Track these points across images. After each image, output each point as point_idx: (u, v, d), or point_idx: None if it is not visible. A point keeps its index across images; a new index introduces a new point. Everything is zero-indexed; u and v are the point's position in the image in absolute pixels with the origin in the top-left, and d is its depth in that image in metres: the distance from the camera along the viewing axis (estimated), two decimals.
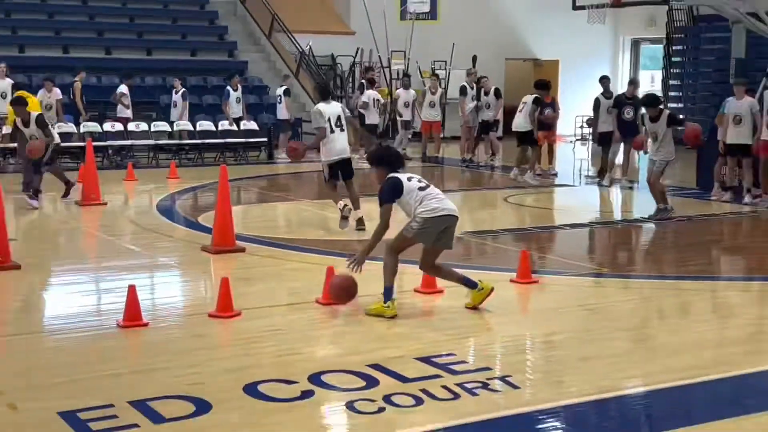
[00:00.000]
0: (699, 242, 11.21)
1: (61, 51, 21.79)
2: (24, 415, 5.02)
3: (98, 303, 8.03)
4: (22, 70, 19.45)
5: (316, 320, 7.12)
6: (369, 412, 5.09)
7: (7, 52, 20.25)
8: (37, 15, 22.56)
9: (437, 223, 7.01)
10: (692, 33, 25.04)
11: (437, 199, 7.09)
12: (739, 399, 5.63)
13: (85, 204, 12.74)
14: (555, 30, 26.18)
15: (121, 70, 20.13)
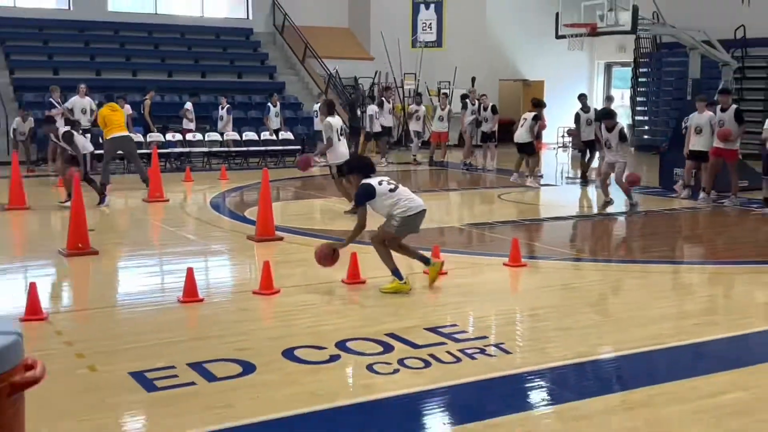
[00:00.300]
0: (662, 232, 11.15)
1: (131, 74, 21.84)
2: (101, 375, 5.04)
3: (161, 282, 8.04)
4: (98, 90, 19.50)
5: (342, 297, 7.12)
6: (386, 372, 5.09)
7: (86, 75, 20.33)
8: (111, 44, 22.62)
9: (414, 219, 7.09)
10: (656, 57, 24.87)
11: (409, 200, 7.09)
12: (694, 363, 5.61)
13: (150, 200, 12.79)
14: (541, 55, 26.07)
15: (180, 90, 20.19)
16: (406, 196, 7.11)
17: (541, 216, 12.69)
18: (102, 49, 22.25)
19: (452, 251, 8.87)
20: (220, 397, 4.66)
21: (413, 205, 7.05)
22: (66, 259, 8.42)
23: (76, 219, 8.63)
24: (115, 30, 22.93)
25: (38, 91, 19.25)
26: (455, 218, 12.40)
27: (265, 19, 25.54)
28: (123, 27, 23.06)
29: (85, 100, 17.36)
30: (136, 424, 4.41)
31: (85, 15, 22.60)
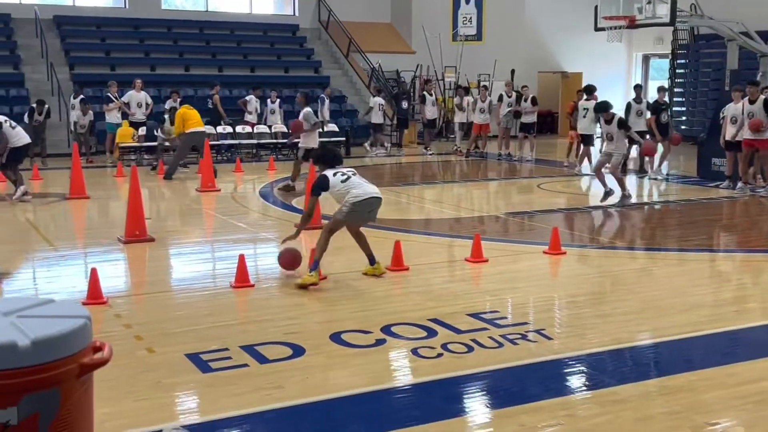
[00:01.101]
0: (699, 221, 10.95)
1: (183, 69, 22.07)
2: (159, 356, 5.12)
3: (214, 268, 8.13)
4: (152, 85, 19.77)
5: (387, 283, 7.12)
6: (430, 357, 5.09)
7: (141, 70, 20.58)
8: (165, 41, 22.88)
9: (363, 205, 6.92)
10: (693, 49, 24.37)
11: (361, 187, 6.93)
12: (732, 349, 5.52)
13: (203, 190, 12.93)
14: (579, 47, 25.79)
15: (230, 85, 20.34)
16: (357, 183, 6.95)
17: (580, 205, 12.55)
18: (156, 46, 22.51)
19: (492, 239, 8.83)
20: (271, 379, 4.70)
21: (361, 191, 6.88)
22: (124, 246, 8.57)
23: (134, 208, 8.77)
24: (169, 27, 23.18)
25: (96, 86, 19.57)
26: (495, 207, 12.33)
27: (310, 15, 25.60)
28: (176, 24, 23.30)
29: (141, 94, 17.60)
30: (192, 404, 4.48)
31: (140, 13, 22.89)
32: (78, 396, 2.31)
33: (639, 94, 15.83)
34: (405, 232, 9.38)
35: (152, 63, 21.72)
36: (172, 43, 22.91)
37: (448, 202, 12.76)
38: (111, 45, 21.96)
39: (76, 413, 2.29)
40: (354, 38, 23.85)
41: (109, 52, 21.73)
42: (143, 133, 17.29)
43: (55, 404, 2.23)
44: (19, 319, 2.32)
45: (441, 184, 15.00)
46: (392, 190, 13.31)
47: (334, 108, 21.54)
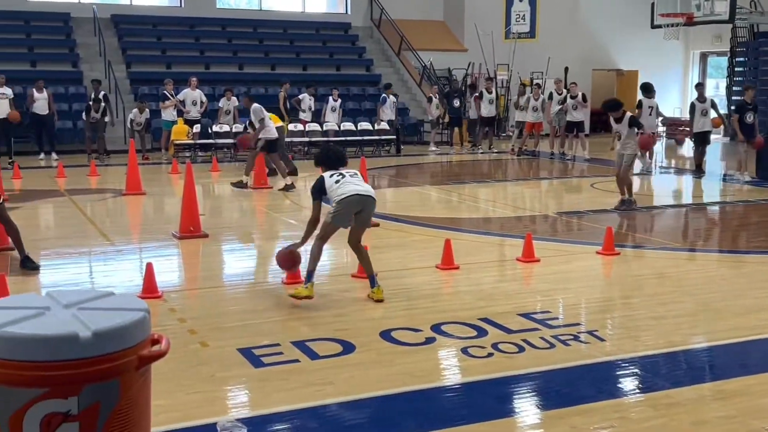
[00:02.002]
0: (757, 222, 10.69)
1: (237, 68, 22.35)
2: (213, 350, 5.20)
3: (266, 264, 8.22)
4: (207, 83, 20.05)
5: (436, 282, 7.12)
6: (480, 356, 5.08)
7: (196, 68, 20.91)
8: (219, 40, 23.19)
9: (349, 204, 6.33)
10: (752, 47, 23.76)
11: (348, 184, 6.38)
12: None
13: (256, 187, 13.08)
14: (635, 45, 25.36)
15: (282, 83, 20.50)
16: (347, 181, 6.42)
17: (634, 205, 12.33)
18: (211, 44, 22.83)
19: (544, 239, 8.76)
20: (321, 375, 4.74)
21: (350, 190, 6.34)
22: (179, 242, 8.73)
23: (189, 204, 8.92)
24: (223, 26, 23.49)
25: (152, 84, 19.94)
26: (546, 207, 12.20)
27: (363, 13, 25.68)
28: (230, 23, 23.60)
29: (196, 92, 17.87)
30: (244, 398, 4.54)
31: (195, 12, 23.25)
32: (137, 387, 2.36)
33: (702, 92, 15.35)
34: (455, 231, 9.36)
35: (207, 61, 22.04)
36: (227, 41, 23.21)
37: (499, 200, 12.69)
38: (167, 43, 22.35)
39: (135, 404, 2.35)
40: (406, 36, 23.85)
41: (165, 50, 22.11)
42: (197, 131, 17.57)
43: (114, 395, 2.29)
44: (80, 311, 2.39)
45: (492, 183, 14.92)
46: (443, 189, 13.34)
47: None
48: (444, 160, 18.62)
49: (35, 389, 2.21)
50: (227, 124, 17.89)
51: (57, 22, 21.76)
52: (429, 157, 18.95)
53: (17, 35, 21.07)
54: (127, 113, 18.03)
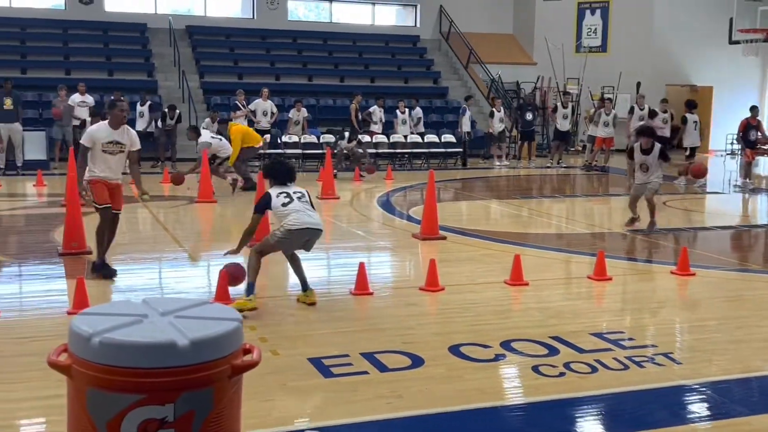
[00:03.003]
0: None
1: (307, 79, 22.62)
2: (283, 359, 5.24)
3: (334, 275, 8.28)
4: (277, 94, 20.34)
5: (505, 298, 7.04)
6: (552, 375, 5.00)
7: (267, 79, 21.24)
8: (290, 51, 23.53)
9: (297, 236, 6.38)
10: None
11: (300, 214, 6.37)
12: None
13: (323, 198, 13.19)
14: (711, 60, 24.73)
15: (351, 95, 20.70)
16: (296, 209, 6.38)
17: (708, 224, 12.04)
18: (281, 56, 23.18)
19: (617, 257, 8.58)
20: (390, 387, 4.74)
21: (299, 222, 6.33)
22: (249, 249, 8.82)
23: None
24: (294, 38, 23.84)
25: (224, 94, 20.34)
26: (618, 224, 11.97)
27: (431, 26, 25.76)
28: (300, 35, 23.94)
29: (267, 103, 18.14)
30: (315, 408, 4.56)
31: (267, 24, 23.66)
32: (229, 396, 2.40)
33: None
34: (524, 246, 9.26)
35: (277, 72, 22.37)
36: (297, 53, 23.53)
37: (570, 216, 12.52)
38: (239, 55, 22.78)
39: (227, 413, 2.39)
40: (474, 49, 23.81)
41: (237, 61, 22.54)
42: (267, 141, 17.82)
43: (208, 403, 2.33)
44: (177, 319, 2.44)
45: (562, 198, 14.73)
46: (512, 203, 13.23)
47: (453, 119, 21.55)
48: (511, 174, 18.48)
49: (133, 395, 2.26)
50: (296, 135, 18.13)
51: (134, 32, 22.41)
52: (495, 170, 18.84)
53: (96, 45, 21.77)
54: (199, 123, 18.40)
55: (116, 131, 7.26)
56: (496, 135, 19.84)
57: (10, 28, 21.00)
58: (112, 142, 7.24)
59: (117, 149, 7.28)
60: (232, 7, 24.55)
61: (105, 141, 7.22)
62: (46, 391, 4.52)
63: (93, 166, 7.28)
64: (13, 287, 7.37)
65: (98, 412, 2.30)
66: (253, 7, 24.15)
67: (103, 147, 7.23)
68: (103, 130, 7.28)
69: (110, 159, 7.27)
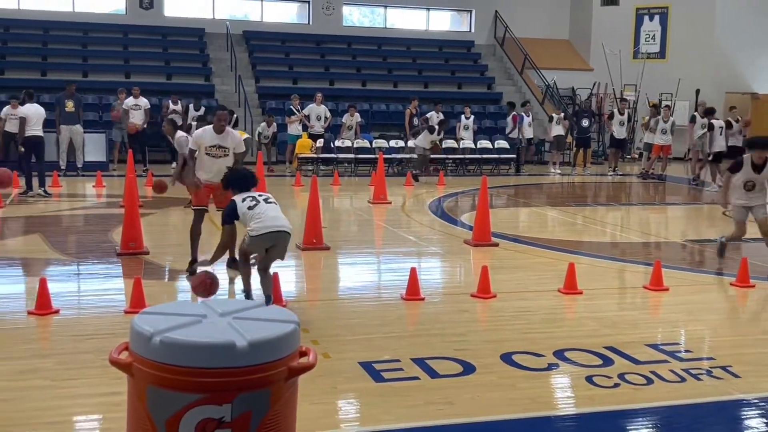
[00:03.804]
0: None
1: (360, 84, 22.73)
2: (334, 362, 5.25)
3: (385, 279, 8.28)
4: (331, 99, 20.48)
5: (559, 307, 6.95)
6: (606, 386, 4.91)
7: (321, 84, 21.42)
8: (344, 56, 23.69)
9: (261, 240, 6.17)
10: None
11: (261, 218, 6.14)
12: None
13: (375, 202, 13.23)
14: None
15: (403, 100, 20.73)
16: (261, 212, 6.17)
17: None
18: (336, 61, 23.35)
19: (674, 267, 8.41)
20: (441, 394, 4.71)
21: (261, 225, 6.13)
22: (302, 253, 8.92)
23: (313, 217, 9.11)
24: (348, 43, 23.99)
25: (279, 99, 20.57)
26: (675, 233, 11.74)
27: (486, 31, 25.66)
28: (355, 40, 24.07)
29: (321, 107, 18.29)
30: (365, 412, 4.56)
31: (322, 29, 23.86)
32: (285, 398, 2.42)
33: None
34: (578, 254, 9.14)
35: (331, 77, 22.54)
36: (351, 58, 23.67)
37: (625, 225, 12.32)
38: (294, 60, 23.01)
39: (283, 415, 2.40)
40: (529, 54, 23.63)
41: (292, 66, 22.77)
42: (320, 145, 17.97)
43: (265, 404, 2.35)
44: (235, 320, 2.47)
45: (617, 207, 14.51)
46: (566, 211, 13.09)
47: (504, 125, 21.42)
48: (565, 181, 18.27)
49: (192, 394, 2.29)
50: (349, 140, 18.23)
51: (192, 37, 22.82)
52: (549, 177, 18.65)
53: (155, 49, 22.22)
54: (255, 127, 18.65)
55: (219, 135, 7.43)
56: (555, 141, 19.67)
57: (72, 32, 21.58)
58: (215, 146, 7.42)
59: (220, 153, 7.45)
60: (288, 12, 24.83)
61: (208, 144, 7.41)
62: (103, 388, 4.62)
63: (198, 169, 7.52)
64: (72, 286, 7.55)
65: (158, 410, 2.33)
66: (308, 12, 24.38)
67: (207, 150, 7.44)
68: (207, 133, 7.48)
69: (214, 162, 7.43)
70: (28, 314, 6.14)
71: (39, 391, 4.59)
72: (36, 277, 6.69)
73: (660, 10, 24.69)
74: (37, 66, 20.37)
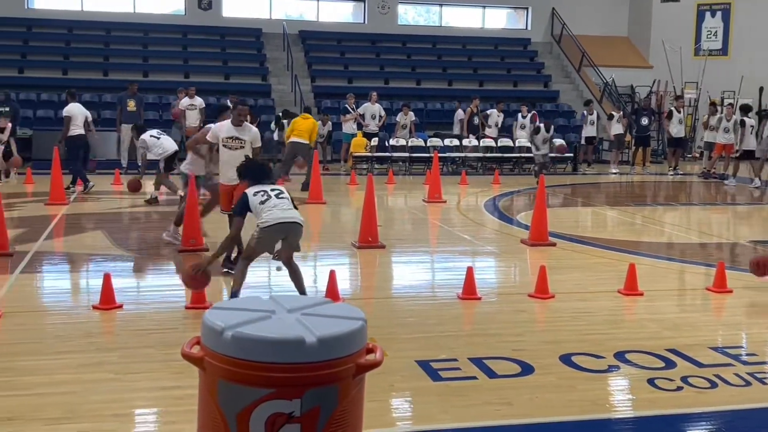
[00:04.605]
0: None
1: (415, 83, 22.73)
2: (391, 360, 5.21)
3: (441, 278, 8.27)
4: (386, 98, 20.52)
5: (619, 308, 6.84)
6: (669, 389, 4.81)
7: (376, 83, 21.47)
8: (399, 55, 23.71)
9: (271, 233, 6.06)
10: None
11: (272, 211, 6.06)
12: None
13: (430, 201, 13.20)
14: None
15: (458, 98, 20.65)
16: (272, 206, 6.09)
17: None
18: (390, 60, 23.39)
19: (737, 269, 8.20)
20: (499, 394, 4.68)
21: (271, 216, 6.03)
22: (357, 251, 8.96)
23: (368, 215, 9.13)
24: (403, 42, 24.00)
25: (335, 98, 20.69)
26: (738, 234, 11.45)
27: (543, 29, 25.41)
28: (410, 39, 24.07)
29: (375, 106, 18.34)
30: (422, 411, 4.55)
31: (377, 29, 23.93)
32: (353, 395, 2.43)
33: None
34: (638, 255, 8.98)
35: (386, 76, 22.58)
36: (406, 57, 23.68)
37: (685, 225, 12.07)
38: (349, 59, 23.11)
39: (351, 411, 2.42)
40: (587, 52, 23.31)
41: (348, 65, 22.88)
42: (375, 144, 18.01)
43: (333, 400, 2.37)
44: (303, 316, 2.50)
45: (677, 206, 14.22)
46: (625, 211, 12.88)
47: (563, 123, 21.18)
48: (624, 181, 17.98)
49: (263, 389, 2.33)
50: (403, 138, 18.24)
51: (249, 37, 23.10)
52: (608, 177, 18.37)
53: (213, 49, 22.56)
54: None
55: (237, 128, 7.57)
56: (615, 140, 19.38)
57: (133, 32, 22.06)
58: (231, 137, 7.54)
59: (237, 145, 7.56)
60: (344, 12, 24.96)
61: (225, 136, 7.54)
62: (166, 382, 4.71)
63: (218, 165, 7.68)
64: (134, 281, 7.72)
65: (228, 404, 2.37)
66: (364, 12, 24.48)
67: (224, 141, 7.58)
68: (225, 126, 7.62)
69: (231, 155, 7.53)
70: (93, 308, 6.29)
71: (104, 384, 4.70)
72: (100, 272, 6.85)
73: (722, 6, 24.11)
74: (99, 66, 20.87)
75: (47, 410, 4.26)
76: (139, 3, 22.88)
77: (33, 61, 20.77)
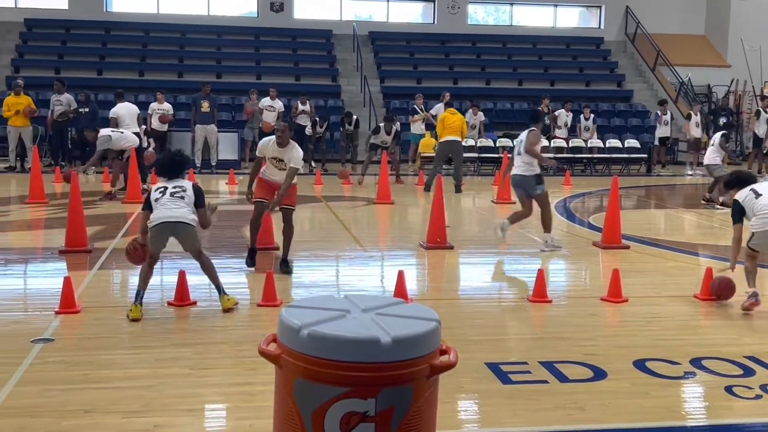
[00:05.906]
0: None
1: (485, 83, 22.58)
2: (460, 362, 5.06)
3: (510, 280, 8.20)
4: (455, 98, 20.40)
5: (695, 313, 6.67)
6: (747, 397, 4.67)
7: (445, 83, 21.41)
8: (469, 55, 23.60)
9: (155, 231, 6.17)
10: None
11: (159, 210, 6.17)
12: None
13: (499, 202, 13.09)
14: None
15: (529, 98, 20.45)
16: (160, 205, 6.19)
17: None
18: (460, 60, 23.30)
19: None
20: (571, 399, 4.61)
21: (156, 216, 6.17)
22: (426, 251, 8.94)
23: (437, 216, 9.11)
24: (473, 42, 23.88)
25: (403, 98, 20.71)
26: None
27: (617, 28, 24.94)
28: (480, 39, 23.94)
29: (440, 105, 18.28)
30: (492, 413, 4.51)
31: (447, 29, 23.87)
32: (427, 396, 2.43)
33: None
34: (715, 259, 8.73)
35: (455, 76, 22.51)
36: (475, 57, 23.56)
37: None
38: (418, 59, 23.12)
39: (425, 412, 2.42)
40: (662, 50, 22.77)
41: (417, 65, 22.88)
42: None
43: (408, 400, 2.38)
44: (378, 316, 2.52)
45: None
46: (701, 213, 12.53)
47: (636, 124, 20.75)
48: (700, 182, 17.50)
49: (338, 388, 2.35)
50: (472, 138, 18.13)
51: (320, 38, 23.33)
52: (683, 178, 17.91)
53: (285, 50, 22.87)
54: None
55: (280, 149, 7.58)
56: (693, 141, 18.88)
57: (207, 35, 22.53)
58: (275, 158, 7.60)
59: (281, 166, 7.63)
60: (413, 12, 24.98)
61: (270, 156, 7.62)
62: (238, 378, 4.80)
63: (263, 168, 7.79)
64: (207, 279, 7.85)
65: (305, 401, 2.40)
66: (433, 12, 24.45)
67: (269, 160, 7.67)
68: (271, 145, 7.64)
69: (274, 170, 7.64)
70: (168, 305, 6.44)
71: (178, 379, 4.81)
72: (175, 270, 7.01)
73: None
74: (174, 68, 21.40)
75: (124, 403, 4.38)
76: (213, 5, 23.37)
77: (111, 62, 21.42)
